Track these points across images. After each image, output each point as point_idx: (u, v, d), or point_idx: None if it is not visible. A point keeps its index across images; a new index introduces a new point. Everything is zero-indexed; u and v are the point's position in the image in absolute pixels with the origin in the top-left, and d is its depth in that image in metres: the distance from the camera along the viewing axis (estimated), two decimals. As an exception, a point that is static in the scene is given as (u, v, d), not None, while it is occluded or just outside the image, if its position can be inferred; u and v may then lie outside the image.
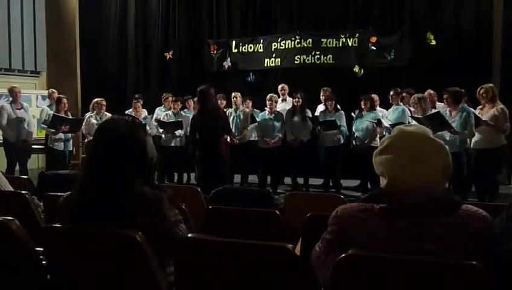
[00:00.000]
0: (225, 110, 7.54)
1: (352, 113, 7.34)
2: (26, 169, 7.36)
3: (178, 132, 7.69)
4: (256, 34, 9.46)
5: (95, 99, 7.72)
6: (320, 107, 7.67)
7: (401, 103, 7.12)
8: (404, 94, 6.99)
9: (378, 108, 7.42)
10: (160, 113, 8.02)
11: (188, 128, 7.66)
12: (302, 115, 7.27)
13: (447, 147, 1.61)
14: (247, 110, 7.72)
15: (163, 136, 7.76)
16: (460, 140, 5.63)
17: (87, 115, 7.81)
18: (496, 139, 5.65)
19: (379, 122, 6.81)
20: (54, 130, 7.09)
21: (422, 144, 1.54)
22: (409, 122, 6.18)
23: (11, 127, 7.16)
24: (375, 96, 7.39)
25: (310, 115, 7.40)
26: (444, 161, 1.54)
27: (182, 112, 8.00)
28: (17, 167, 7.30)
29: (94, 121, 7.38)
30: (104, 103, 7.55)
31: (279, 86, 8.05)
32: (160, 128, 7.73)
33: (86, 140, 7.55)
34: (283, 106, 7.86)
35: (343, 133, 7.26)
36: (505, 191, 6.30)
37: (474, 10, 8.11)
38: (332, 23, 8.99)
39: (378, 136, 6.84)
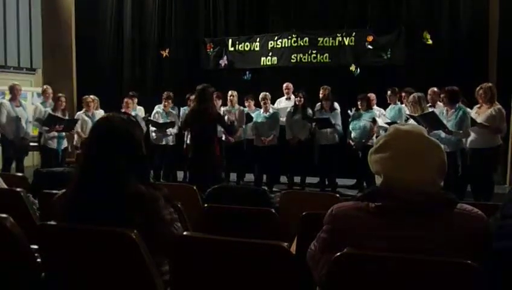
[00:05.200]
0: (222, 108, 7.55)
1: (349, 111, 7.35)
2: (22, 167, 7.34)
3: (169, 131, 7.68)
4: (252, 33, 9.45)
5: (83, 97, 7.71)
6: (317, 106, 7.68)
7: (399, 102, 7.13)
8: (404, 93, 6.99)
9: (375, 107, 7.43)
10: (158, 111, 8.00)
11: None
12: (303, 114, 7.27)
13: (442, 145, 1.61)
14: (243, 108, 7.72)
15: (153, 134, 7.72)
16: (456, 139, 5.64)
17: (79, 113, 7.76)
18: (492, 139, 5.67)
19: (374, 121, 6.82)
20: (47, 128, 7.07)
21: (417, 142, 1.55)
22: (405, 121, 6.19)
23: (10, 125, 7.13)
24: (371, 95, 7.40)
25: (311, 114, 7.39)
26: (438, 159, 1.55)
27: (182, 108, 7.99)
28: (13, 165, 7.28)
29: (86, 118, 7.35)
30: (89, 99, 7.49)
31: (284, 85, 8.04)
32: (152, 126, 7.69)
33: (75, 137, 7.49)
34: (287, 104, 7.83)
35: (338, 132, 7.27)
36: (500, 191, 6.31)
37: (470, 10, 8.13)
38: (329, 22, 8.99)
39: (374, 135, 6.86)
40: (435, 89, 6.58)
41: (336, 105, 7.45)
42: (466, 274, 1.40)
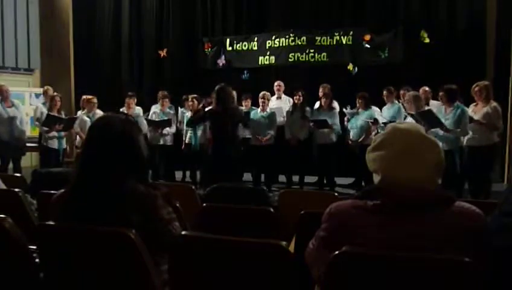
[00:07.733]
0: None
1: (344, 109, 7.33)
2: (19, 167, 7.32)
3: (166, 130, 7.65)
4: (250, 32, 9.46)
5: (84, 97, 7.70)
6: (316, 104, 7.67)
7: (396, 101, 7.13)
8: (402, 92, 6.99)
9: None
10: (155, 111, 7.98)
11: (184, 126, 7.71)
12: (301, 113, 7.26)
13: (440, 143, 1.62)
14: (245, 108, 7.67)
15: (148, 134, 7.68)
16: (454, 138, 5.65)
17: (79, 112, 7.79)
18: (489, 137, 5.68)
19: (376, 121, 6.81)
20: (47, 129, 7.07)
21: (415, 140, 1.55)
22: (404, 119, 6.20)
23: (4, 125, 7.10)
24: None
25: (310, 113, 7.38)
26: (436, 157, 1.55)
27: (180, 109, 7.97)
28: (11, 165, 7.27)
29: (86, 119, 7.33)
30: (95, 100, 7.50)
31: (275, 83, 8.01)
32: (148, 126, 7.65)
33: (77, 137, 7.51)
34: (278, 103, 7.80)
35: (335, 131, 7.27)
36: (498, 189, 6.32)
37: (468, 9, 8.14)
38: (327, 20, 9.00)
39: (373, 133, 6.85)
40: (426, 88, 6.73)
41: (335, 104, 7.43)
42: (465, 272, 1.40)
